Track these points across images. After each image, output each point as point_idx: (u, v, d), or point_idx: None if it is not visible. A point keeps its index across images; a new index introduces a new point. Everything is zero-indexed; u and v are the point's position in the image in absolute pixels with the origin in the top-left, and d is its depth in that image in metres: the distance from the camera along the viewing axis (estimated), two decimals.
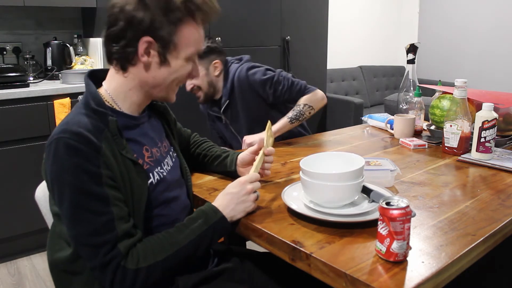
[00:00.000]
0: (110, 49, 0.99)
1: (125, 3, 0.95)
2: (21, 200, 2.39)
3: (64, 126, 0.91)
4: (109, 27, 0.97)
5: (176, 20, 0.95)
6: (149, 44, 0.95)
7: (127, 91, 1.01)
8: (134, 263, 0.89)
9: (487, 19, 4.54)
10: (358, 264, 0.82)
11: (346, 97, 4.16)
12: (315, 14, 3.61)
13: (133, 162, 0.97)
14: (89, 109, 0.96)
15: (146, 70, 0.99)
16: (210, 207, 1.02)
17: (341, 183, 0.99)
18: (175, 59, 0.99)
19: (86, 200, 0.88)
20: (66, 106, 2.45)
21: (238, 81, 1.86)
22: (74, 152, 0.88)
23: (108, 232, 0.89)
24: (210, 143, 1.41)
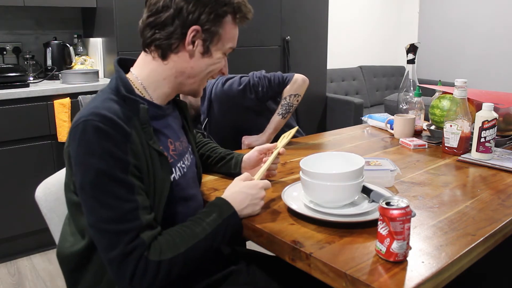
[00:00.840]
0: (150, 36, 0.99)
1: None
2: (21, 200, 2.39)
3: (93, 110, 0.89)
4: (153, 14, 0.98)
5: (222, 14, 1.00)
6: (196, 34, 0.98)
7: (161, 80, 1.02)
8: (157, 255, 0.87)
9: (487, 19, 4.54)
10: (358, 264, 0.82)
11: (346, 97, 4.15)
12: (315, 14, 3.61)
13: (159, 153, 0.96)
14: (119, 95, 0.95)
15: (190, 59, 1.00)
16: (223, 202, 1.01)
17: (341, 183, 0.99)
18: (217, 51, 1.03)
19: (112, 184, 0.86)
20: (66, 106, 2.46)
21: (216, 98, 1.85)
22: (103, 136, 0.86)
23: (132, 220, 0.86)
24: (213, 144, 1.41)
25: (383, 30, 5.18)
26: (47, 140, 2.47)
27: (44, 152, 2.46)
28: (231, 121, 1.90)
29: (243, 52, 3.11)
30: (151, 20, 0.98)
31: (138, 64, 1.04)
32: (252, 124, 1.89)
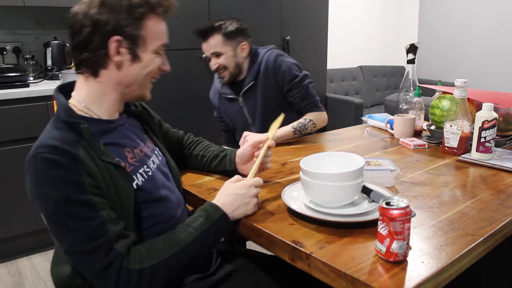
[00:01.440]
0: (79, 58, 0.99)
1: (87, 9, 0.96)
2: (21, 200, 2.39)
3: (39, 142, 0.91)
4: (74, 36, 0.97)
5: (140, 16, 0.98)
6: (119, 43, 0.96)
7: (101, 96, 1.01)
8: (137, 263, 0.88)
9: (487, 19, 4.54)
10: (358, 264, 0.82)
11: (346, 97, 4.16)
12: (315, 14, 3.61)
13: (115, 165, 0.96)
14: (61, 121, 0.96)
15: (119, 69, 0.99)
16: (211, 205, 1.02)
17: (341, 183, 0.99)
18: (145, 53, 1.00)
19: (73, 208, 0.87)
20: None
21: (266, 65, 1.88)
22: (53, 165, 0.87)
23: (100, 235, 0.87)
24: (206, 142, 1.41)
25: (383, 30, 5.18)
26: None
27: None
28: (266, 96, 1.91)
29: None
30: (75, 42, 0.98)
31: (77, 87, 1.03)
32: (280, 105, 1.90)
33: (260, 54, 1.92)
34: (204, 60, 2.96)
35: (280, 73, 1.87)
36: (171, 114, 2.82)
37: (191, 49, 2.93)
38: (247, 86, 1.91)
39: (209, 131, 2.90)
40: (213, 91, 2.09)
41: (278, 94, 1.91)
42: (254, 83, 1.90)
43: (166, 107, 2.82)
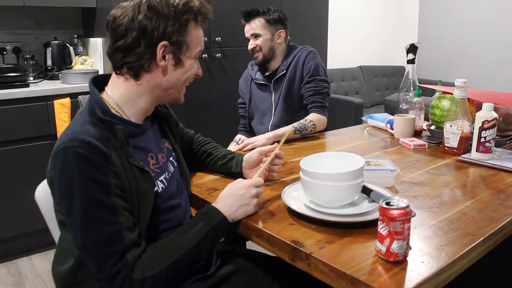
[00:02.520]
0: (122, 60, 0.99)
1: (133, 13, 0.97)
2: (21, 200, 2.39)
3: (72, 135, 0.91)
4: (118, 38, 0.98)
5: (185, 22, 1.00)
6: (165, 48, 0.99)
7: (136, 98, 1.02)
8: (140, 273, 0.89)
9: (487, 19, 4.54)
10: (358, 264, 0.82)
11: (346, 97, 4.15)
12: (315, 14, 3.61)
13: (140, 169, 0.97)
14: (96, 117, 0.96)
15: (162, 74, 1.01)
16: (211, 209, 1.02)
17: (341, 183, 0.99)
18: (188, 59, 1.04)
19: (95, 209, 0.88)
20: (66, 106, 2.45)
21: (298, 57, 2.04)
22: (83, 161, 0.88)
23: (116, 242, 0.89)
24: (214, 144, 1.42)
25: (383, 30, 5.18)
26: (47, 140, 2.47)
27: (44, 152, 2.46)
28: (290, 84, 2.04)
29: (243, 52, 3.11)
30: (118, 44, 0.99)
31: (112, 84, 1.04)
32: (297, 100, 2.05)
33: (297, 48, 2.09)
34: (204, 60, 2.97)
35: (308, 66, 2.01)
36: None
37: None
38: (279, 75, 2.05)
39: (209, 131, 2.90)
40: (245, 77, 2.24)
41: (299, 86, 2.04)
42: (285, 73, 2.05)
43: None
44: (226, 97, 3.04)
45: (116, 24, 0.99)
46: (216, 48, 3.02)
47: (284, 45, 2.09)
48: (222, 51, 3.04)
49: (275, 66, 2.09)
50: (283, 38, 2.06)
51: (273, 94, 2.10)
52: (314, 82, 2.00)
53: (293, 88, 2.04)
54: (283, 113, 2.06)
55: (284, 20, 2.07)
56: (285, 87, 2.04)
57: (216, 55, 3.01)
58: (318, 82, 2.00)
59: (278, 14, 2.05)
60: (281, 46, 2.08)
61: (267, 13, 2.03)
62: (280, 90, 2.07)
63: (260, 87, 2.15)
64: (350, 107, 3.89)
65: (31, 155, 2.42)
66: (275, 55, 2.07)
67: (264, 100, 2.14)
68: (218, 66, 3.05)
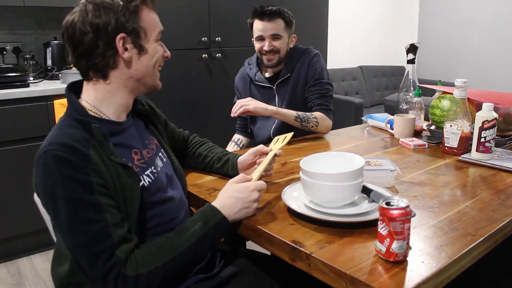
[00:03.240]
0: (86, 65, 0.99)
1: (82, 16, 0.97)
2: (21, 200, 2.39)
3: (50, 139, 0.92)
4: (77, 46, 0.98)
5: (135, 9, 1.00)
6: (124, 40, 0.98)
7: (111, 96, 1.02)
8: (134, 270, 0.89)
9: (487, 19, 4.54)
10: (358, 264, 0.82)
11: (346, 97, 4.15)
12: (315, 14, 3.61)
13: (123, 166, 0.97)
14: (73, 119, 0.97)
15: (128, 66, 1.01)
16: (211, 208, 1.02)
17: (341, 183, 0.99)
18: (149, 43, 1.03)
19: (80, 210, 0.88)
20: (66, 106, 2.45)
21: (303, 60, 1.98)
22: (63, 163, 0.88)
23: (104, 240, 0.88)
24: (210, 144, 1.42)
25: (383, 30, 5.18)
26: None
27: None
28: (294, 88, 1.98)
29: (243, 52, 3.11)
30: (78, 51, 0.99)
31: (84, 91, 1.04)
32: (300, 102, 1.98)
33: (300, 50, 2.02)
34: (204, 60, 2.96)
35: (313, 69, 1.95)
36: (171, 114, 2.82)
37: (191, 49, 2.93)
38: (283, 78, 1.99)
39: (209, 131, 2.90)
40: (242, 76, 2.15)
41: (303, 89, 1.98)
42: (289, 76, 1.99)
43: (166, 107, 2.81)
44: (226, 97, 3.04)
45: (69, 32, 0.99)
46: (216, 48, 3.02)
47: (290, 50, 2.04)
48: (222, 51, 3.04)
49: (278, 68, 2.02)
50: (294, 43, 2.01)
51: (276, 97, 2.03)
52: (319, 85, 1.94)
53: (297, 91, 1.99)
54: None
55: (294, 23, 2.01)
56: (289, 90, 1.98)
57: (216, 55, 3.01)
58: (323, 85, 1.95)
59: (290, 16, 1.97)
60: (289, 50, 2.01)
61: (284, 14, 1.93)
62: (284, 93, 2.00)
63: (261, 89, 2.07)
64: (350, 107, 3.89)
65: (31, 155, 2.39)
66: (285, 58, 2.00)
67: (268, 102, 2.04)
68: (218, 66, 3.05)
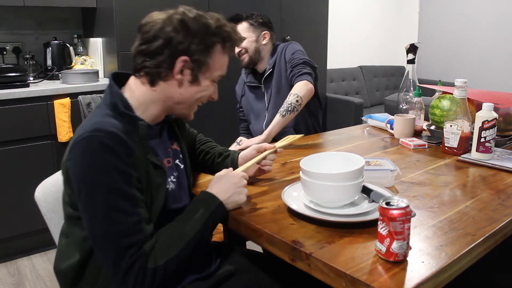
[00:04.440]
0: (141, 63, 1.01)
1: (165, 24, 1.00)
2: (21, 200, 2.39)
3: (96, 125, 0.91)
4: (144, 42, 1.01)
5: (211, 44, 1.03)
6: (185, 63, 1.01)
7: (150, 104, 1.04)
8: (153, 262, 0.91)
9: (487, 19, 4.54)
10: (358, 264, 0.82)
11: (346, 97, 4.15)
12: (315, 14, 3.61)
13: (155, 166, 1.00)
14: (117, 111, 0.98)
15: (177, 86, 1.03)
16: (208, 195, 1.04)
17: (341, 183, 0.99)
18: (205, 79, 1.06)
19: (118, 199, 0.89)
20: (66, 106, 2.45)
21: (280, 52, 2.07)
22: (108, 151, 0.89)
23: (137, 233, 0.90)
24: (213, 143, 1.43)
25: (383, 30, 5.18)
26: (47, 140, 2.47)
27: (44, 152, 2.46)
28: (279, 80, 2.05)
29: None
30: (142, 48, 1.01)
31: (129, 86, 1.06)
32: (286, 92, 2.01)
33: (279, 45, 2.12)
34: None
35: (287, 55, 2.03)
36: None
37: None
38: (266, 74, 2.09)
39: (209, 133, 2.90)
40: (240, 82, 2.29)
41: (286, 78, 2.04)
42: (272, 71, 2.08)
43: None
44: (226, 98, 3.03)
45: (146, 28, 1.01)
46: None
47: (269, 46, 2.12)
48: None
49: (264, 67, 2.11)
50: (268, 39, 2.09)
51: (265, 94, 2.13)
52: (291, 61, 1.99)
53: (282, 84, 2.06)
54: (275, 110, 2.03)
55: (267, 23, 2.12)
56: (274, 84, 2.07)
57: None
58: (295, 58, 1.98)
59: (261, 17, 2.11)
60: (267, 47, 2.10)
61: (250, 17, 2.09)
62: (270, 89, 2.09)
63: (252, 90, 2.18)
64: (350, 107, 3.89)
65: (31, 155, 2.42)
66: (262, 56, 2.09)
67: (258, 101, 2.17)
68: None
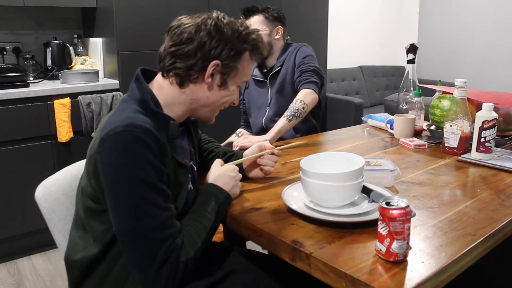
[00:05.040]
0: (171, 64, 1.03)
1: (199, 27, 1.02)
2: (21, 200, 2.39)
3: (130, 120, 0.92)
4: (176, 44, 1.02)
5: (242, 50, 1.06)
6: (216, 67, 1.03)
7: (176, 104, 1.06)
8: (184, 255, 0.93)
9: (488, 19, 4.54)
10: (358, 264, 0.82)
11: (346, 97, 4.15)
12: (315, 14, 3.61)
13: (180, 165, 1.02)
14: (148, 109, 1.00)
15: (206, 89, 1.06)
16: (216, 188, 1.07)
17: (341, 183, 0.99)
18: (233, 84, 1.09)
19: (152, 193, 0.91)
20: (66, 106, 2.45)
21: (292, 52, 2.08)
22: (144, 146, 0.90)
23: (170, 227, 0.92)
24: (216, 143, 1.45)
25: (383, 30, 5.18)
26: (47, 140, 2.47)
27: (44, 152, 2.46)
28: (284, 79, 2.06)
29: None
30: (173, 49, 1.03)
31: (156, 84, 1.07)
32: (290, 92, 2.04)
33: (292, 45, 2.12)
34: None
35: (298, 58, 2.04)
36: None
37: None
38: (274, 70, 2.10)
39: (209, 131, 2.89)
40: None
41: (291, 80, 2.05)
42: (280, 69, 2.09)
43: None
44: None
45: (179, 30, 1.03)
46: None
47: (282, 42, 2.13)
48: None
49: (272, 63, 2.12)
50: (281, 35, 2.10)
51: (269, 90, 2.14)
52: (301, 66, 2.00)
53: (286, 83, 2.06)
54: (277, 107, 2.08)
55: (282, 18, 2.13)
56: (279, 82, 2.07)
57: None
58: (305, 64, 2.00)
59: (276, 12, 2.12)
60: (279, 42, 2.12)
61: (265, 10, 2.09)
62: (275, 86, 2.10)
63: (257, 83, 2.20)
64: (350, 107, 3.89)
65: (31, 155, 2.42)
66: (273, 51, 2.11)
67: (261, 95, 2.18)
68: None
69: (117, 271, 0.99)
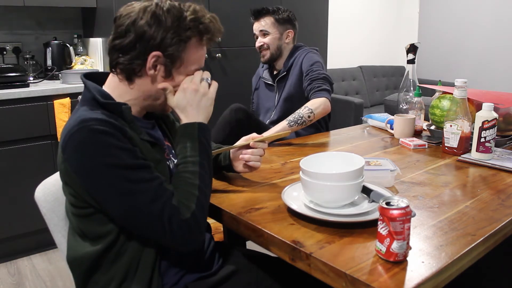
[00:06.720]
0: (115, 59, 1.00)
1: (137, 17, 0.97)
2: (21, 200, 2.39)
3: (81, 118, 0.90)
4: (117, 37, 0.99)
5: (185, 38, 0.99)
6: (157, 59, 0.98)
7: (132, 101, 1.03)
8: (187, 211, 0.91)
9: (487, 19, 4.54)
10: (358, 264, 0.82)
11: (346, 97, 4.15)
12: (315, 14, 3.61)
13: (153, 144, 0.99)
14: (98, 104, 0.97)
15: (152, 82, 1.01)
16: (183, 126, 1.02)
17: (341, 183, 0.99)
18: (179, 74, 1.02)
19: (134, 171, 0.90)
20: (66, 106, 2.45)
21: (299, 58, 2.06)
22: (104, 134, 0.89)
23: (163, 194, 0.91)
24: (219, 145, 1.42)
25: (383, 30, 5.18)
26: (47, 140, 2.47)
27: (44, 152, 2.46)
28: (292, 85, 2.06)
29: (243, 52, 3.11)
30: (115, 43, 0.99)
31: (111, 83, 1.04)
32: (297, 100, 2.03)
33: (300, 49, 2.10)
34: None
35: (305, 64, 2.01)
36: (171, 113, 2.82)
37: None
38: (281, 75, 2.10)
39: None
40: (256, 74, 2.33)
41: (298, 86, 2.03)
42: (286, 73, 2.09)
43: None
44: (226, 97, 3.03)
45: (119, 22, 0.99)
46: (216, 48, 3.02)
47: (291, 45, 2.11)
48: (222, 51, 3.04)
49: (281, 66, 2.11)
50: (291, 38, 2.09)
51: (276, 94, 2.14)
52: (310, 73, 1.97)
53: (292, 90, 2.05)
54: (282, 113, 2.07)
55: (293, 20, 2.10)
56: (286, 88, 2.06)
57: (216, 55, 3.01)
58: (314, 71, 1.96)
59: (287, 14, 2.08)
60: (289, 46, 2.10)
61: (276, 12, 2.05)
62: (282, 90, 2.09)
63: (266, 86, 2.20)
64: (350, 107, 3.89)
65: (31, 155, 2.42)
66: (282, 54, 2.09)
67: (269, 98, 2.18)
68: (218, 66, 3.05)
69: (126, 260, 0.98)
